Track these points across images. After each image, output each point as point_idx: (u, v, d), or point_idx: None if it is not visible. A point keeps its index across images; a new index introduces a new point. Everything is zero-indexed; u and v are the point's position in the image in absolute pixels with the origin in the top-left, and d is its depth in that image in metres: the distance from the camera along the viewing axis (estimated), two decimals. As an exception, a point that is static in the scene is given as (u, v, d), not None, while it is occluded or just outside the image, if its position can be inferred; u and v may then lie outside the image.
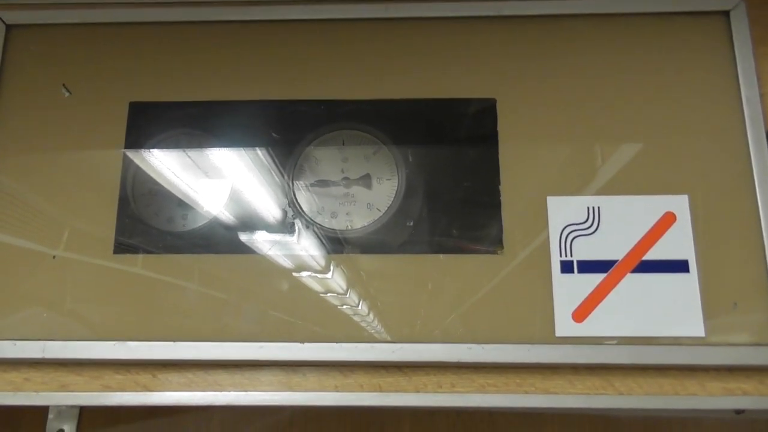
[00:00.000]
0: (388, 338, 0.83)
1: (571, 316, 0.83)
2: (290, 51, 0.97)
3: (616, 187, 0.88)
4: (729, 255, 0.85)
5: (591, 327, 0.83)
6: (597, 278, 0.84)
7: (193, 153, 0.97)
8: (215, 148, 0.96)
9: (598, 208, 0.87)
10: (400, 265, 0.88)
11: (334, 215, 0.93)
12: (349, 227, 0.92)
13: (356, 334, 0.84)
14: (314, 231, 0.92)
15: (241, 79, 0.97)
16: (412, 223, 0.91)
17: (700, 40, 0.94)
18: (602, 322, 0.83)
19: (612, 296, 0.83)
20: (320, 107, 0.96)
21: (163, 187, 0.95)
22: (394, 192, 0.94)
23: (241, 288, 0.87)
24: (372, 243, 0.91)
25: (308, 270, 0.89)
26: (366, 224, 0.93)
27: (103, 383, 0.84)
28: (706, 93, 0.92)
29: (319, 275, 0.88)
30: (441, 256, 0.87)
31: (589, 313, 0.83)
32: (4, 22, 0.99)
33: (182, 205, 0.95)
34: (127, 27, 0.99)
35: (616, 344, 0.82)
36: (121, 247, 0.90)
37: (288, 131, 0.96)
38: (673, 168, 0.89)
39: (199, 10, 0.99)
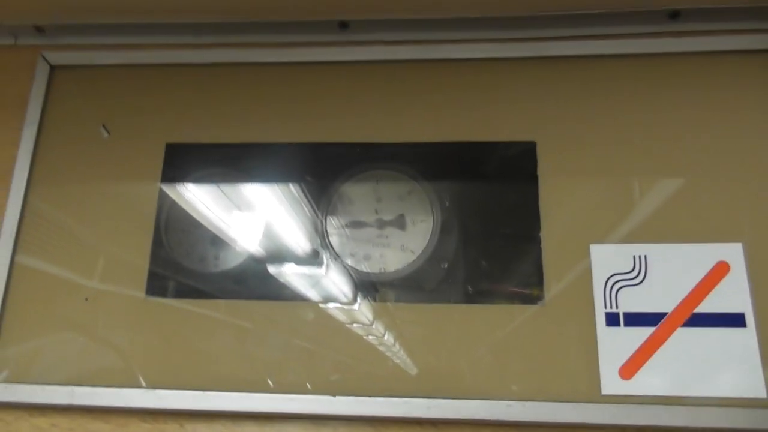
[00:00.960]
0: (423, 393, 0.80)
1: (617, 372, 0.78)
2: (328, 93, 0.97)
3: (664, 234, 0.84)
4: (789, 309, 0.79)
5: (640, 385, 0.78)
6: (645, 332, 0.79)
7: (227, 193, 0.96)
8: (249, 189, 0.95)
9: (645, 256, 0.83)
10: (435, 314, 0.84)
11: (367, 257, 0.90)
12: (383, 270, 0.89)
13: (389, 387, 0.80)
14: (347, 275, 0.89)
15: (277, 121, 0.96)
16: (446, 265, 0.88)
17: (753, 79, 0.90)
18: (652, 380, 0.78)
19: (662, 352, 0.78)
20: (356, 150, 0.94)
21: (195, 226, 0.94)
22: (429, 234, 0.91)
23: (272, 337, 0.85)
24: (405, 288, 0.88)
25: (340, 318, 0.86)
26: (400, 267, 0.89)
27: (130, 432, 0.82)
28: (759, 134, 0.87)
29: (352, 324, 0.85)
30: (478, 306, 0.84)
31: (638, 369, 0.78)
32: (48, 63, 1.01)
33: (215, 244, 0.93)
34: (165, 69, 1.00)
35: (668, 404, 0.76)
36: (154, 289, 0.88)
37: (323, 173, 0.94)
38: (726, 214, 0.84)
39: (237, 51, 0.99)
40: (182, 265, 0.92)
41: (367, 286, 0.88)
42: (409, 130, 0.93)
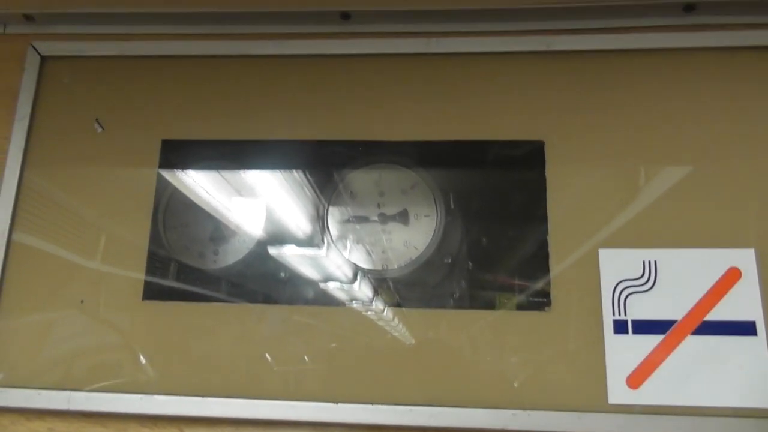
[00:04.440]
0: (427, 400, 0.78)
1: (625, 381, 0.77)
2: (329, 87, 0.93)
3: (674, 239, 0.81)
4: (801, 317, 0.77)
5: (648, 394, 0.76)
6: (654, 340, 0.78)
7: (226, 188, 0.93)
8: (247, 186, 0.93)
9: (655, 262, 0.81)
10: (438, 319, 0.82)
11: (370, 253, 0.88)
12: (386, 267, 0.87)
13: (393, 395, 0.79)
14: (349, 273, 0.87)
15: (277, 116, 0.93)
16: (450, 260, 0.86)
17: (764, 78, 0.87)
18: (660, 389, 0.76)
19: (671, 360, 0.77)
20: (358, 148, 0.91)
21: (193, 222, 0.92)
22: (432, 232, 0.88)
23: (273, 341, 0.83)
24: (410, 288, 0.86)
25: (342, 321, 0.84)
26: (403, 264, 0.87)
27: (129, 437, 0.81)
28: (775, 136, 0.85)
29: (355, 328, 0.84)
30: (483, 311, 0.82)
31: (646, 378, 0.77)
32: (39, 53, 0.97)
33: (214, 240, 0.91)
34: (161, 60, 0.97)
35: (676, 414, 0.75)
36: (151, 292, 0.86)
37: (324, 171, 0.92)
38: (738, 219, 0.82)
39: (235, 43, 0.96)
40: (181, 262, 0.90)
41: (369, 284, 0.86)
42: (412, 127, 0.90)
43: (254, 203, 0.92)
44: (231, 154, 0.93)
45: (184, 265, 0.89)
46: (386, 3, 0.92)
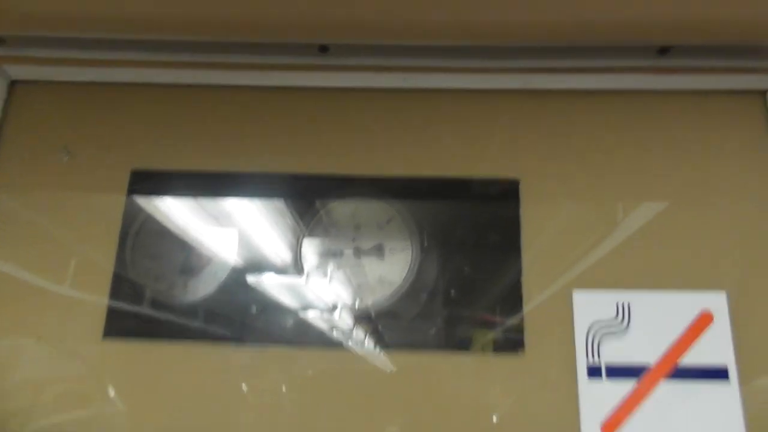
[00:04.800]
0: (396, 446, 0.76)
1: (599, 429, 0.76)
2: (303, 120, 0.92)
3: (648, 280, 0.81)
4: (773, 362, 0.77)
5: (621, 441, 0.75)
6: (628, 385, 0.77)
7: (198, 220, 0.91)
8: (220, 218, 0.91)
9: (629, 304, 0.80)
10: (410, 361, 0.81)
11: (344, 287, 0.86)
12: (361, 303, 0.86)
13: (363, 438, 0.77)
14: (324, 310, 0.85)
15: (252, 148, 0.91)
16: (425, 296, 0.84)
17: (742, 121, 0.88)
18: (634, 436, 0.75)
19: (645, 406, 0.76)
20: (333, 182, 0.90)
21: (164, 250, 0.89)
22: (407, 267, 0.87)
23: (244, 382, 0.80)
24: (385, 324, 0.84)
25: (316, 362, 0.82)
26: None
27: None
28: (747, 179, 0.85)
29: (329, 368, 0.81)
30: (455, 354, 0.80)
31: (620, 424, 0.76)
32: (8, 76, 0.95)
33: (185, 272, 0.88)
34: (134, 88, 0.95)
35: (648, 462, 0.74)
36: (113, 329, 0.83)
37: (299, 204, 0.90)
38: (710, 261, 0.82)
39: (211, 72, 0.94)
40: (148, 296, 0.87)
41: (343, 321, 0.85)
42: (389, 162, 0.90)
43: (227, 234, 0.90)
44: (203, 185, 0.91)
45: (152, 299, 0.87)
46: (365, 37, 0.91)
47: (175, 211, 0.91)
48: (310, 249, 0.89)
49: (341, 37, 0.91)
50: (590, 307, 0.81)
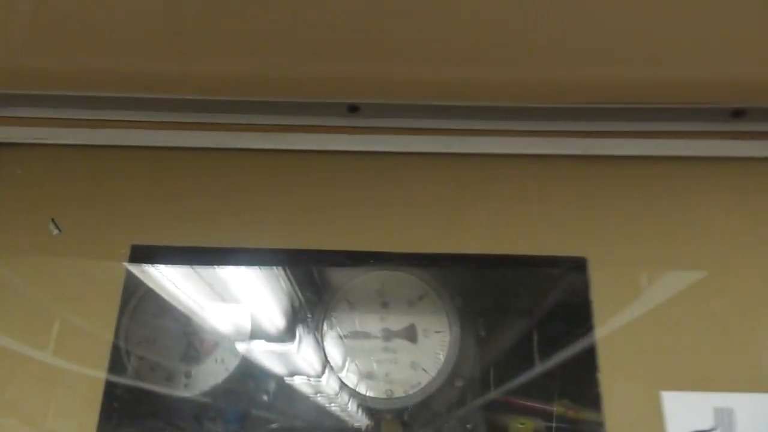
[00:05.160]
0: None
1: None
2: (332, 186, 0.81)
3: (752, 380, 0.68)
4: None
5: None
6: None
7: (204, 300, 0.79)
8: (230, 293, 0.79)
9: (731, 410, 0.66)
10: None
11: (369, 376, 0.74)
12: (390, 394, 0.73)
13: None
14: (348, 403, 0.73)
15: (270, 221, 0.80)
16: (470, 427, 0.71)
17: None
18: None
19: None
20: (363, 258, 0.78)
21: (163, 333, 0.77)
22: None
23: None
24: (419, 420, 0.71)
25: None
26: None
27: None
28: None
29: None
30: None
31: None
32: (-4, 138, 0.83)
33: (187, 359, 0.76)
34: (135, 152, 0.83)
35: None
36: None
37: (321, 278, 0.79)
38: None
39: (224, 135, 0.83)
40: (143, 390, 0.74)
41: (370, 416, 0.72)
42: (425, 236, 0.78)
43: (236, 315, 0.78)
44: (212, 262, 0.78)
45: (147, 393, 0.74)
46: (401, 95, 0.80)
47: (178, 287, 0.79)
48: (332, 332, 0.77)
49: (374, 96, 0.81)
50: (683, 412, 0.67)
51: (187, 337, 0.77)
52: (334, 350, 0.76)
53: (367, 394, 0.73)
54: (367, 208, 0.80)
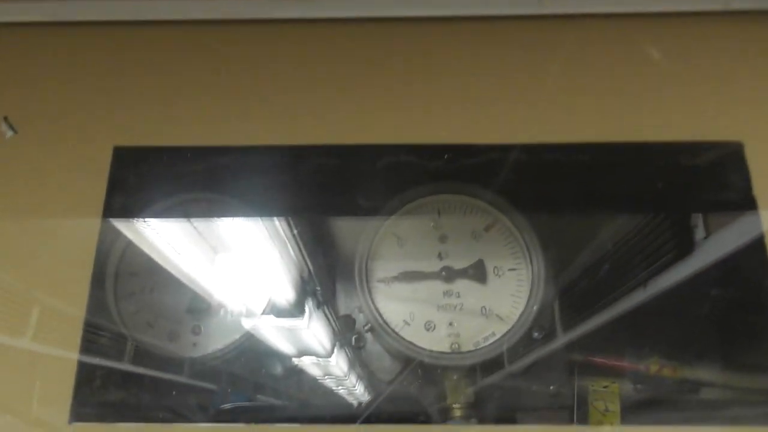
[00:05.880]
0: None
1: None
2: (370, 52, 0.64)
3: None
4: None
5: None
6: None
7: (211, 236, 0.63)
8: (238, 222, 0.64)
9: None
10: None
11: (429, 326, 0.62)
12: (456, 348, 0.60)
13: None
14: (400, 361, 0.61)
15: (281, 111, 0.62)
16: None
17: None
18: None
19: None
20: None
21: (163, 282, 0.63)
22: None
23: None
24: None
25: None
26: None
27: None
28: None
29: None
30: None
31: None
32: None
33: (193, 312, 0.62)
34: (113, 28, 0.66)
35: None
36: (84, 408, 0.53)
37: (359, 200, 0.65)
38: None
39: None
40: (139, 349, 0.60)
41: (431, 377, 0.60)
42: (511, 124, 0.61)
43: (255, 255, 0.65)
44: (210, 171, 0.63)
45: (145, 353, 0.61)
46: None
47: (169, 220, 0.64)
48: (377, 273, 0.64)
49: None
50: None
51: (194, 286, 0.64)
52: (380, 296, 0.63)
53: (428, 349, 0.61)
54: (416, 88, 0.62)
